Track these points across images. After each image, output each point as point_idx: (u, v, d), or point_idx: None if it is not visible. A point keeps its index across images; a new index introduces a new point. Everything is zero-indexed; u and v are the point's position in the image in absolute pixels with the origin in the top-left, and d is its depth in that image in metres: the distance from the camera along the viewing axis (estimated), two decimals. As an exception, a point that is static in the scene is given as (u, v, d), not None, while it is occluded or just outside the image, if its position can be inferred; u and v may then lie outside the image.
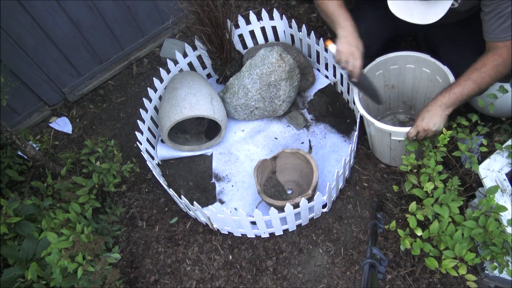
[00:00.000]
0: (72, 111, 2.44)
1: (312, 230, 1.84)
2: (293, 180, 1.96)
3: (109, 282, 1.53)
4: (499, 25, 1.35)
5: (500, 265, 1.28)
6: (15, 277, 1.48)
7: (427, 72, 1.74)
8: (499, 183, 1.41)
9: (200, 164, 2.14)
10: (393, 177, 1.91)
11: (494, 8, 1.34)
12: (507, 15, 1.32)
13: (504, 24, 1.34)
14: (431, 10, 1.33)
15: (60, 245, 1.49)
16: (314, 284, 1.71)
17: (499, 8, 1.33)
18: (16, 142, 1.75)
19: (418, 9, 1.34)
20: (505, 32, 1.35)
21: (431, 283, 1.64)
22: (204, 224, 1.93)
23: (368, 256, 1.05)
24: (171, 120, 1.91)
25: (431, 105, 1.48)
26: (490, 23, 1.38)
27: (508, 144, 1.47)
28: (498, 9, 1.34)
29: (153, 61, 2.57)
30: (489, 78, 1.41)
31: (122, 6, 2.28)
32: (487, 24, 1.40)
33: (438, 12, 1.33)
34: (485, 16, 1.38)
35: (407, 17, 1.36)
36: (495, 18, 1.36)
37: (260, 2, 2.67)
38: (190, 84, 2.01)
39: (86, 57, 2.36)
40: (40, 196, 1.99)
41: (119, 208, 2.00)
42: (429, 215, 1.35)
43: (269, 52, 1.99)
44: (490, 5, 1.35)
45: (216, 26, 1.96)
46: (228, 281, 1.78)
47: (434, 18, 1.33)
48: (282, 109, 2.13)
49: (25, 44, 2.08)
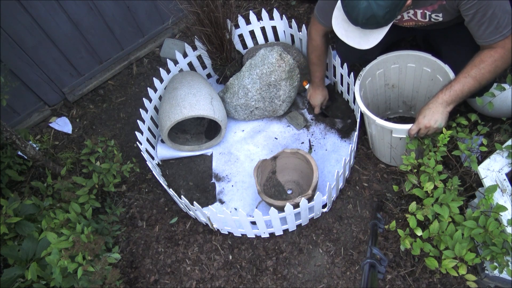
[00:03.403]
0: (72, 111, 2.44)
1: (312, 230, 1.84)
2: (293, 180, 1.96)
3: (109, 282, 1.53)
4: (485, 30, 1.38)
5: (500, 265, 1.28)
6: (15, 277, 1.48)
7: (427, 71, 1.74)
8: (499, 183, 1.41)
9: (200, 164, 2.14)
10: (393, 177, 1.91)
11: (472, 18, 1.38)
12: (488, 19, 1.35)
13: (490, 27, 1.37)
14: (365, 37, 1.41)
15: (60, 245, 1.49)
16: (314, 284, 1.71)
17: (476, 16, 1.36)
18: (16, 142, 1.75)
19: (354, 33, 1.42)
20: (493, 34, 1.38)
21: (431, 283, 1.64)
22: (204, 224, 1.93)
23: (368, 256, 1.05)
24: (171, 120, 1.91)
25: (432, 103, 1.49)
26: (476, 30, 1.41)
27: (508, 144, 1.47)
28: (476, 18, 1.37)
29: (153, 61, 2.57)
30: (488, 73, 1.42)
31: (122, 6, 2.28)
32: (473, 31, 1.43)
33: (371, 41, 1.40)
34: (469, 24, 1.42)
35: (345, 39, 1.45)
36: (477, 25, 1.39)
37: (260, 2, 2.67)
38: (190, 84, 2.01)
39: (86, 57, 2.36)
40: (40, 196, 1.99)
41: (119, 208, 2.00)
42: (429, 215, 1.35)
43: (269, 52, 1.99)
44: (467, 15, 1.39)
45: (216, 26, 1.96)
46: (228, 281, 1.78)
47: (367, 45, 1.41)
48: (282, 109, 2.13)
49: (25, 44, 2.08)
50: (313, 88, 2.06)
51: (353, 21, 1.34)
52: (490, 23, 1.35)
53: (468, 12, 1.37)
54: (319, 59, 1.92)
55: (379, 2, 1.25)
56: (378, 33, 1.38)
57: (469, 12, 1.37)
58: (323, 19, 1.72)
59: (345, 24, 1.42)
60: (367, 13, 1.27)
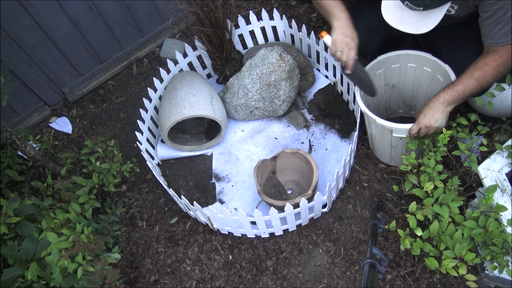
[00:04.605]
0: (72, 111, 2.44)
1: (312, 230, 1.84)
2: (293, 180, 1.96)
3: (109, 282, 1.53)
4: (499, 30, 1.35)
5: (500, 265, 1.28)
6: (15, 277, 1.48)
7: (428, 71, 1.74)
8: (499, 183, 1.41)
9: (200, 164, 2.14)
10: (393, 177, 1.91)
11: (492, 14, 1.34)
12: (506, 19, 1.32)
13: (504, 28, 1.34)
14: (423, 20, 1.33)
15: (60, 245, 1.49)
16: (314, 284, 1.71)
17: (497, 14, 1.33)
18: (16, 142, 1.75)
19: (411, 19, 1.34)
20: (505, 36, 1.35)
21: (431, 283, 1.64)
22: (204, 224, 1.93)
23: (368, 256, 1.05)
24: (171, 120, 1.91)
25: (433, 102, 1.49)
26: (489, 29, 1.38)
27: (508, 144, 1.47)
28: (496, 15, 1.33)
29: (153, 61, 2.57)
30: (490, 77, 1.42)
31: (122, 6, 2.28)
32: (486, 30, 1.39)
33: (431, 23, 1.33)
34: (484, 22, 1.38)
35: (399, 26, 1.37)
36: (494, 23, 1.35)
37: (260, 2, 2.67)
38: (190, 84, 2.01)
39: (86, 57, 2.36)
40: (40, 196, 1.99)
41: (119, 208, 2.00)
42: (429, 215, 1.35)
43: (269, 52, 1.99)
44: (488, 11, 1.35)
45: (216, 26, 1.96)
46: (228, 281, 1.78)
47: (426, 28, 1.34)
48: (282, 109, 2.13)
49: (25, 44, 2.08)
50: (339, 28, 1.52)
51: (417, 4, 1.26)
52: (507, 24, 1.33)
53: (491, 7, 1.32)
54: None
55: None
56: (439, 12, 1.30)
57: (492, 8, 1.31)
58: None
59: (399, 10, 1.34)
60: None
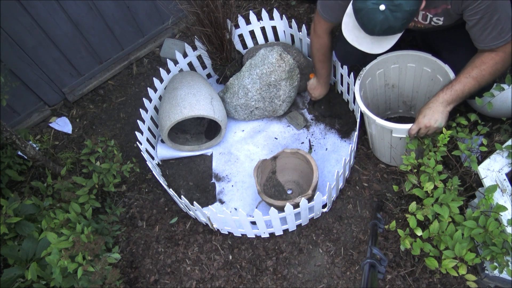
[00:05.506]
0: (72, 111, 2.44)
1: (312, 230, 1.84)
2: (293, 180, 1.96)
3: (109, 282, 1.53)
4: (487, 35, 1.36)
5: (500, 265, 1.28)
6: (15, 277, 1.48)
7: (428, 71, 1.74)
8: (499, 183, 1.41)
9: (200, 164, 2.14)
10: (393, 177, 1.91)
11: (477, 23, 1.36)
12: (493, 24, 1.33)
13: (493, 32, 1.35)
14: (377, 43, 1.40)
15: (60, 245, 1.49)
16: (314, 284, 1.71)
17: (481, 21, 1.34)
18: (16, 142, 1.75)
19: (366, 39, 1.40)
20: (495, 40, 1.36)
21: (431, 283, 1.63)
22: (204, 224, 1.93)
23: (368, 256, 1.05)
24: (171, 120, 1.91)
25: (432, 102, 1.49)
26: (478, 35, 1.39)
27: (508, 144, 1.47)
28: (481, 23, 1.35)
29: (153, 61, 2.57)
30: (488, 75, 1.42)
31: (122, 6, 2.28)
32: (475, 35, 1.41)
33: (384, 46, 1.39)
34: (472, 29, 1.40)
35: (356, 44, 1.43)
36: (481, 30, 1.37)
37: (260, 2, 2.67)
38: (190, 84, 2.01)
39: (86, 57, 2.36)
40: (40, 196, 1.99)
41: (119, 208, 2.00)
42: (429, 215, 1.35)
43: (269, 52, 1.99)
44: (472, 20, 1.36)
45: (216, 26, 1.96)
46: (228, 281, 1.78)
47: (380, 50, 1.41)
48: (282, 109, 2.13)
49: (25, 44, 2.08)
50: (317, 83, 2.02)
51: (368, 32, 1.32)
52: (494, 28, 1.34)
53: (473, 17, 1.35)
54: (326, 56, 1.88)
55: (396, 14, 1.23)
56: (392, 38, 1.36)
57: (475, 17, 1.34)
58: (329, 15, 1.67)
59: (356, 31, 1.40)
60: (384, 25, 1.26)
